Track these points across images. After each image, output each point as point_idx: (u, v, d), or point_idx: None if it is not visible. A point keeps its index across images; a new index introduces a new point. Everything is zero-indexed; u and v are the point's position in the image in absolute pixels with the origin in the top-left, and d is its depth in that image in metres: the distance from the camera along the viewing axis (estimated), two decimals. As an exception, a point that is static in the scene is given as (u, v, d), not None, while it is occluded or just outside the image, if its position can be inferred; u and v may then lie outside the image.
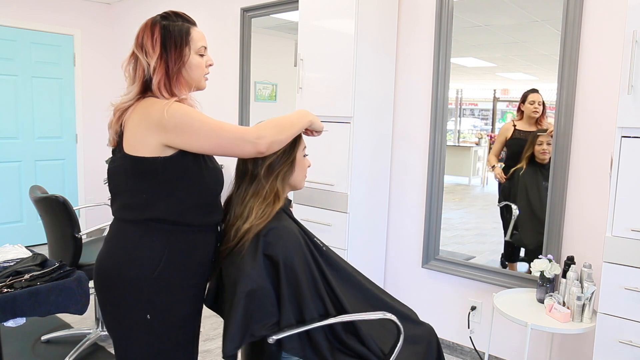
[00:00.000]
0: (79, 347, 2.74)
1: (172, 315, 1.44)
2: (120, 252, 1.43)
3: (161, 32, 1.42)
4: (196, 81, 1.49)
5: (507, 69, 2.97)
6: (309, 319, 1.45)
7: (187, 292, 1.47)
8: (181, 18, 1.47)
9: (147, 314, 1.41)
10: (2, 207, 4.63)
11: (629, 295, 1.82)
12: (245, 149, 1.40)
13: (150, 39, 1.41)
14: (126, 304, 1.42)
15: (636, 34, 1.74)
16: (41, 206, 2.66)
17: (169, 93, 1.40)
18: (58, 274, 1.95)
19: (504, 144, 2.76)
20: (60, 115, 4.92)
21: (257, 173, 1.52)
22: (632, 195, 1.81)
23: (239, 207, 1.52)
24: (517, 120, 2.66)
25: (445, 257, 2.85)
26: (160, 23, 1.43)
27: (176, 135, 1.35)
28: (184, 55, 1.43)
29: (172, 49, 1.41)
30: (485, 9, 2.76)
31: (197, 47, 1.47)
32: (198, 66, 1.47)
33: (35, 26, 4.66)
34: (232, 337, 1.38)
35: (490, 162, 2.82)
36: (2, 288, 1.83)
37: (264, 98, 4.04)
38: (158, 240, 1.41)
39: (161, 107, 1.35)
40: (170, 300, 1.43)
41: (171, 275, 1.42)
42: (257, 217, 1.47)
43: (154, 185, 1.40)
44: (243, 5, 3.78)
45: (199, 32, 1.49)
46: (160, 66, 1.40)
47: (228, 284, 1.48)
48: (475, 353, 2.78)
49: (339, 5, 2.67)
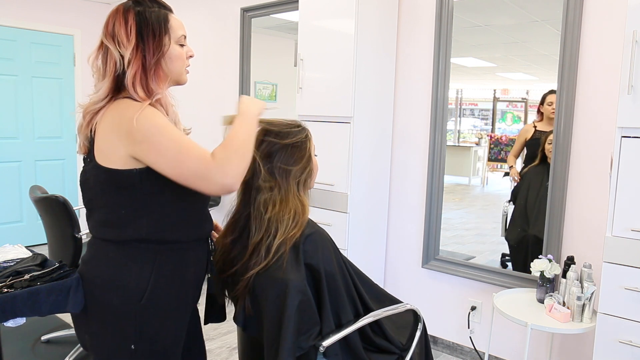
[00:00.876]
0: (79, 347, 2.74)
1: (159, 342, 1.29)
2: (101, 276, 1.26)
3: (136, 19, 1.25)
4: (176, 74, 1.33)
5: (507, 69, 2.97)
6: (345, 322, 1.44)
7: (176, 316, 1.32)
8: (156, 3, 1.31)
9: (131, 344, 1.25)
10: (2, 207, 4.62)
11: (629, 295, 1.82)
12: (207, 187, 1.20)
13: (123, 27, 1.24)
14: (107, 333, 1.26)
15: (636, 34, 1.74)
16: (41, 206, 2.66)
17: (145, 89, 1.23)
18: (58, 274, 1.94)
19: (523, 145, 2.74)
20: (60, 115, 4.92)
21: (273, 186, 1.43)
22: (632, 195, 1.81)
23: (258, 221, 1.41)
24: (537, 122, 2.66)
25: (445, 257, 2.85)
26: (134, 9, 1.26)
27: (141, 149, 1.18)
28: (163, 45, 1.26)
29: (149, 39, 1.24)
30: (485, 9, 2.76)
31: (177, 35, 1.30)
32: (178, 57, 1.31)
33: (35, 26, 4.66)
34: (289, 353, 1.32)
35: (509, 162, 2.81)
36: (2, 288, 1.83)
37: (264, 98, 4.04)
38: (144, 262, 1.25)
39: (132, 113, 1.17)
40: (159, 328, 1.28)
41: (160, 300, 1.26)
42: (289, 228, 1.39)
43: (132, 200, 1.23)
44: (243, 5, 3.78)
45: (177, 19, 1.33)
46: (136, 58, 1.22)
47: (268, 300, 1.37)
48: (475, 353, 2.78)
49: (339, 5, 2.67)
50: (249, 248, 1.41)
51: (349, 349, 1.45)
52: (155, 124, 1.18)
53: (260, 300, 1.39)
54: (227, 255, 1.48)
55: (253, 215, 1.43)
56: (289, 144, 1.45)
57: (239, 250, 1.45)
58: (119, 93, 1.24)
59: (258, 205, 1.42)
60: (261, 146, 1.44)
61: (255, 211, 1.43)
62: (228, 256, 1.48)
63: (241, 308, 1.44)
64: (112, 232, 1.27)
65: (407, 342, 1.59)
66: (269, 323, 1.36)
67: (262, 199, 1.42)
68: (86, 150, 1.29)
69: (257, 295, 1.40)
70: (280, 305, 1.34)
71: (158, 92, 1.25)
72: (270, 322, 1.36)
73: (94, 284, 1.28)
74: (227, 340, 2.97)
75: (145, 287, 1.24)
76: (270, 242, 1.38)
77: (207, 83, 4.14)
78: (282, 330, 1.32)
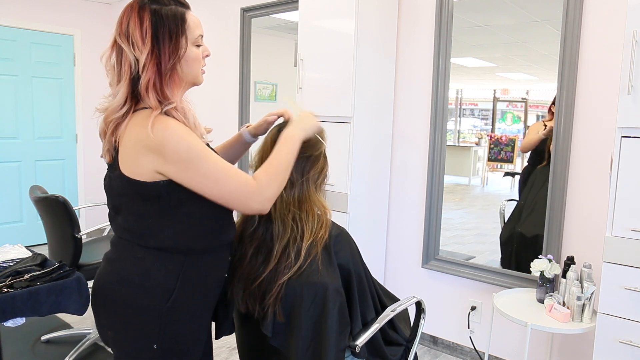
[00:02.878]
0: (79, 347, 2.74)
1: (181, 343, 1.29)
2: (129, 275, 1.25)
3: (152, 19, 1.17)
4: (193, 77, 1.27)
5: (507, 69, 2.97)
6: (370, 320, 1.46)
7: (199, 317, 1.32)
8: (173, 0, 1.22)
9: (154, 344, 1.25)
10: (2, 207, 4.62)
11: (629, 295, 1.82)
12: (245, 209, 1.25)
13: (138, 27, 1.17)
14: (132, 333, 1.27)
15: (636, 34, 1.74)
16: (41, 206, 2.66)
17: (159, 95, 1.17)
18: (58, 274, 1.95)
19: (535, 140, 2.71)
20: (60, 115, 4.92)
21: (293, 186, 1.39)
22: (632, 195, 1.81)
23: (280, 223, 1.37)
24: (547, 121, 2.65)
25: (445, 257, 2.85)
26: (150, 7, 1.18)
27: (175, 170, 1.16)
28: (180, 47, 1.19)
29: (165, 41, 1.17)
30: (485, 9, 2.76)
31: (194, 36, 1.24)
32: (196, 59, 1.25)
33: (35, 26, 4.66)
34: (337, 357, 1.31)
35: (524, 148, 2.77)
36: (2, 288, 1.83)
37: (264, 98, 4.04)
38: (171, 267, 1.24)
39: (160, 130, 1.14)
40: (181, 329, 1.28)
41: (184, 303, 1.26)
42: (315, 229, 1.36)
43: (159, 210, 1.21)
44: (243, 5, 3.78)
45: (194, 17, 1.25)
46: (151, 63, 1.16)
47: (303, 305, 1.34)
48: (475, 353, 2.78)
49: (339, 5, 2.67)
50: (276, 252, 1.36)
51: (372, 345, 1.47)
52: (190, 147, 1.16)
53: (294, 305, 1.34)
54: (251, 267, 1.41)
55: (275, 217, 1.38)
56: (309, 156, 1.43)
57: (264, 257, 1.39)
58: (137, 99, 1.20)
59: (280, 207, 1.38)
60: None
61: (276, 212, 1.38)
62: (252, 268, 1.40)
63: (272, 315, 1.36)
64: (139, 239, 1.26)
65: (411, 333, 1.63)
66: (305, 328, 1.33)
67: (284, 200, 1.38)
68: (110, 158, 1.25)
69: (289, 300, 1.35)
70: (319, 309, 1.32)
71: (172, 100, 1.19)
72: (307, 327, 1.33)
73: (121, 282, 1.26)
74: (227, 340, 2.97)
75: (172, 290, 1.24)
76: (299, 245, 1.34)
77: (207, 83, 4.12)
78: (326, 334, 1.31)
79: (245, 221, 1.44)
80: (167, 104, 1.18)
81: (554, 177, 2.41)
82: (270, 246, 1.38)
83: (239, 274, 1.42)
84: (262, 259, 1.39)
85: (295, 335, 1.34)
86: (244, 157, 4.09)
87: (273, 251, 1.36)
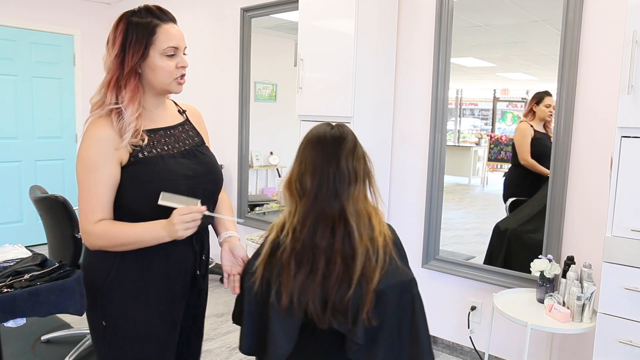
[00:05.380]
0: (79, 347, 2.74)
1: (128, 326, 1.38)
2: (86, 256, 1.43)
3: (124, 28, 1.32)
4: (161, 84, 1.36)
5: (507, 69, 2.97)
6: None
7: (146, 304, 1.38)
8: (151, 14, 1.34)
9: (102, 321, 1.38)
10: (2, 207, 4.63)
11: (629, 295, 1.82)
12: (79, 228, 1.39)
13: (113, 34, 1.34)
14: (88, 310, 1.41)
15: (636, 34, 1.74)
16: (41, 206, 2.66)
17: (116, 95, 1.32)
18: (58, 274, 1.94)
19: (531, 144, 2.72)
20: (60, 115, 4.92)
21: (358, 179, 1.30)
22: (632, 195, 1.81)
23: (356, 219, 1.27)
24: (530, 121, 2.65)
25: (445, 257, 2.85)
26: (128, 19, 1.33)
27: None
28: (142, 55, 1.31)
29: (130, 48, 1.31)
30: (485, 9, 2.76)
31: (161, 47, 1.33)
32: (162, 69, 1.33)
33: (35, 26, 4.66)
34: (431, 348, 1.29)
35: (531, 162, 2.74)
36: (2, 288, 1.83)
37: (264, 98, 4.04)
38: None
39: (85, 130, 1.33)
40: (124, 312, 1.37)
41: (124, 285, 1.37)
42: (380, 224, 1.30)
43: None
44: (243, 5, 3.78)
45: (170, 30, 1.34)
46: (114, 65, 1.32)
47: (389, 306, 1.26)
48: (475, 353, 2.78)
49: (339, 5, 2.67)
50: (357, 251, 1.24)
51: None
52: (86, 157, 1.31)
53: (379, 308, 1.25)
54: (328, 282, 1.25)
55: (349, 212, 1.26)
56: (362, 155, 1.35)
57: (343, 267, 1.25)
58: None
59: (354, 198, 1.27)
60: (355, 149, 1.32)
61: (350, 206, 1.27)
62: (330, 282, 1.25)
63: (367, 322, 1.24)
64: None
65: None
66: (394, 328, 1.27)
67: (354, 192, 1.28)
68: None
69: (378, 304, 1.25)
70: (409, 306, 1.27)
71: (124, 100, 1.31)
72: (394, 327, 1.27)
73: (82, 267, 1.45)
74: (227, 340, 2.97)
75: (110, 269, 1.36)
76: (376, 244, 1.26)
77: (207, 83, 4.14)
78: (419, 329, 1.27)
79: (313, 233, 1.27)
80: (115, 104, 1.32)
81: (554, 177, 2.41)
82: (351, 253, 1.25)
83: (313, 290, 1.25)
84: (343, 269, 1.25)
85: (382, 339, 1.26)
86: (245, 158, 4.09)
87: (356, 258, 1.24)
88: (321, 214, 1.26)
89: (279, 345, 1.25)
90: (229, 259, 1.42)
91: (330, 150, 1.29)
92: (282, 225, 1.32)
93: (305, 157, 1.30)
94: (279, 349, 1.25)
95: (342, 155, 1.28)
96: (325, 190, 1.26)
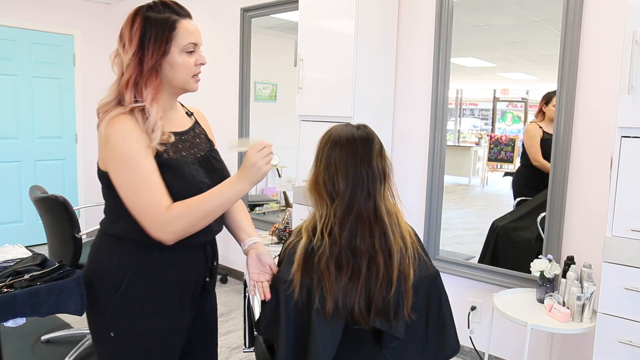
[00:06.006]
0: (79, 347, 2.74)
1: (138, 336, 1.33)
2: (92, 263, 1.36)
3: (142, 24, 1.24)
4: (180, 82, 1.31)
5: (507, 69, 2.97)
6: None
7: (157, 313, 1.33)
8: (169, 9, 1.28)
9: (110, 332, 1.32)
10: (2, 207, 4.62)
11: (629, 295, 1.82)
12: (148, 227, 1.22)
13: (129, 30, 1.25)
14: (94, 319, 1.36)
15: (636, 34, 1.74)
16: (41, 206, 2.66)
17: (137, 93, 1.24)
18: (58, 274, 1.94)
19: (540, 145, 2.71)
20: (60, 115, 4.92)
21: (386, 178, 1.34)
22: (632, 195, 1.81)
23: (389, 218, 1.30)
24: (540, 121, 2.64)
25: (445, 257, 2.85)
26: (144, 14, 1.25)
27: (110, 168, 1.24)
28: (163, 52, 1.25)
29: (150, 44, 1.24)
30: (485, 9, 2.76)
31: (182, 44, 1.27)
32: (183, 66, 1.28)
33: (35, 26, 4.66)
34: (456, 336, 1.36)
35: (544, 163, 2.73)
36: (2, 288, 1.83)
37: (264, 98, 4.04)
38: (123, 257, 1.30)
39: (109, 127, 1.21)
40: (135, 322, 1.32)
41: (136, 295, 1.30)
42: (404, 221, 1.34)
43: (116, 199, 1.26)
44: (243, 5, 3.78)
45: (188, 26, 1.29)
46: (133, 63, 1.23)
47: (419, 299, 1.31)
48: (475, 353, 2.78)
49: (339, 5, 2.67)
50: (393, 249, 1.27)
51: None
52: (125, 151, 1.21)
53: (414, 302, 1.30)
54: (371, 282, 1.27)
55: (383, 211, 1.29)
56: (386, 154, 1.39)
57: (384, 266, 1.27)
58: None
59: (385, 198, 1.31)
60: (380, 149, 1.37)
61: (383, 205, 1.30)
62: (373, 282, 1.27)
63: (402, 318, 1.28)
64: (107, 226, 1.36)
65: None
66: (422, 319, 1.33)
67: (383, 191, 1.31)
68: None
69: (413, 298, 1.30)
70: (437, 298, 1.34)
71: (145, 100, 1.24)
72: (422, 319, 1.33)
73: (86, 269, 1.37)
74: (227, 340, 2.97)
75: (122, 280, 1.29)
76: (405, 241, 1.30)
77: (207, 83, 4.13)
78: (445, 319, 1.34)
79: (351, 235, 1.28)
80: (136, 102, 1.24)
81: (554, 177, 2.41)
82: (388, 252, 1.28)
83: (357, 292, 1.26)
84: (384, 268, 1.27)
85: (412, 330, 1.31)
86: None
87: (393, 256, 1.27)
88: (358, 215, 1.27)
89: (324, 350, 1.25)
90: (255, 267, 1.37)
91: (362, 150, 1.31)
92: (312, 229, 1.31)
93: (334, 159, 1.30)
94: (323, 354, 1.25)
95: (373, 155, 1.32)
96: (360, 191, 1.28)
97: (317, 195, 1.32)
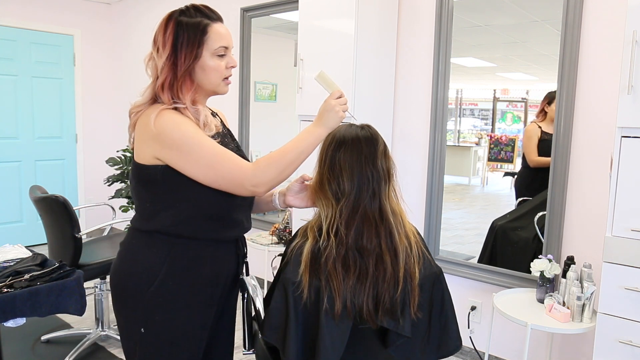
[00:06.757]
0: (79, 347, 2.74)
1: (169, 332, 1.35)
2: (124, 261, 1.37)
3: (175, 29, 1.29)
4: (211, 85, 1.35)
5: (507, 69, 2.97)
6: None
7: (189, 309, 1.36)
8: (200, 13, 1.32)
9: (141, 328, 1.34)
10: (2, 207, 4.63)
11: (629, 295, 1.82)
12: (240, 188, 1.27)
13: (162, 35, 1.30)
14: (124, 315, 1.38)
15: (636, 34, 1.74)
16: (41, 206, 2.66)
17: (171, 97, 1.29)
18: (58, 274, 1.95)
19: (537, 145, 2.71)
20: (60, 115, 4.92)
21: (390, 178, 1.35)
22: (632, 195, 1.81)
23: (394, 218, 1.31)
24: (539, 122, 2.64)
25: (445, 257, 2.85)
26: (176, 19, 1.30)
27: (171, 156, 1.25)
28: (195, 56, 1.29)
29: (183, 48, 1.28)
30: (485, 9, 2.76)
31: (213, 47, 1.31)
32: (214, 69, 1.33)
33: (35, 26, 4.66)
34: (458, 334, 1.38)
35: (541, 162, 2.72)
36: (2, 288, 1.83)
37: (264, 98, 4.04)
38: (159, 252, 1.32)
39: (158, 119, 1.24)
40: (167, 317, 1.33)
41: (170, 291, 1.32)
42: (407, 220, 1.35)
43: (155, 194, 1.31)
44: (243, 5, 3.78)
45: (219, 30, 1.33)
46: (167, 67, 1.28)
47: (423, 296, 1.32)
48: (475, 353, 2.78)
49: (339, 5, 2.67)
50: (399, 249, 1.28)
51: None
52: (184, 133, 1.24)
53: (419, 300, 1.32)
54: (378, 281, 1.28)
55: (388, 211, 1.30)
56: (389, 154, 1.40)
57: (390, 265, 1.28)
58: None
59: (389, 197, 1.33)
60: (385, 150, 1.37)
61: (387, 205, 1.31)
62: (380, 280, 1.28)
63: (408, 317, 1.29)
64: (139, 222, 1.37)
65: None
66: (426, 316, 1.34)
67: (388, 191, 1.33)
68: (133, 147, 1.37)
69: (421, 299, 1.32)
70: (439, 296, 1.35)
71: (183, 101, 1.29)
72: (426, 316, 1.34)
73: (118, 267, 1.38)
74: (227, 340, 2.96)
75: (157, 276, 1.31)
76: (410, 240, 1.32)
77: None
78: (448, 316, 1.35)
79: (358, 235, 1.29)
80: (178, 102, 1.29)
81: (554, 177, 2.41)
82: (394, 251, 1.29)
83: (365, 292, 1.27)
84: (391, 268, 1.28)
85: (417, 328, 1.32)
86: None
87: (399, 256, 1.29)
88: (364, 215, 1.28)
89: (333, 350, 1.26)
90: (296, 192, 1.49)
91: (366, 151, 1.32)
92: (317, 229, 1.32)
93: (338, 159, 1.31)
94: (332, 354, 1.25)
95: (378, 155, 1.32)
96: (365, 191, 1.29)
97: (322, 195, 1.33)
